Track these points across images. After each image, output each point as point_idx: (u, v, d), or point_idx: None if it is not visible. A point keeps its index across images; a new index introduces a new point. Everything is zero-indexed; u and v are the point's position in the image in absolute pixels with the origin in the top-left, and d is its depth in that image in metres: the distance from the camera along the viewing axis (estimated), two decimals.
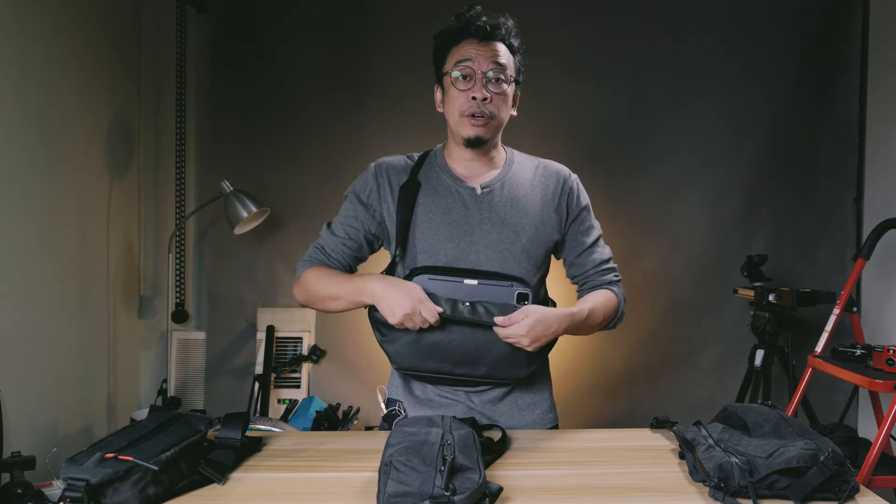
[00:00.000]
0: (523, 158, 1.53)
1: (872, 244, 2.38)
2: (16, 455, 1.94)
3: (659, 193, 3.06)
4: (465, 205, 1.44)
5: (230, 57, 2.99)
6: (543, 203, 1.48)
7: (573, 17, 3.02)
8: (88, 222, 2.60)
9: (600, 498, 1.04)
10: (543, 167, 1.53)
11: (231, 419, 1.20)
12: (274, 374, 2.99)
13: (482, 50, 1.39)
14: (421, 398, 1.45)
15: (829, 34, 3.02)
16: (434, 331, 1.33)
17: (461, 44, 1.41)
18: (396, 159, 1.51)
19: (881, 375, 2.06)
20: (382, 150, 1.58)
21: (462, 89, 1.39)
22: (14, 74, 2.12)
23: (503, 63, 1.40)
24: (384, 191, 1.46)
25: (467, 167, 1.47)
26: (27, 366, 2.19)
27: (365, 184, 1.48)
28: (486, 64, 1.38)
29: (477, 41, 1.40)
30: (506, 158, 1.51)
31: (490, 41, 1.40)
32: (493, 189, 1.46)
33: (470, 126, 1.40)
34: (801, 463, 1.00)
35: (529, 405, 1.47)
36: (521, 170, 1.50)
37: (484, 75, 1.38)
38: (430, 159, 1.50)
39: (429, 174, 1.47)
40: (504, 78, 1.40)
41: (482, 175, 1.47)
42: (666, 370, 3.07)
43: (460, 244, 1.40)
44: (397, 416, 1.44)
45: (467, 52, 1.40)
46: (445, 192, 1.45)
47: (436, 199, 1.44)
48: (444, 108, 1.46)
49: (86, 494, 0.92)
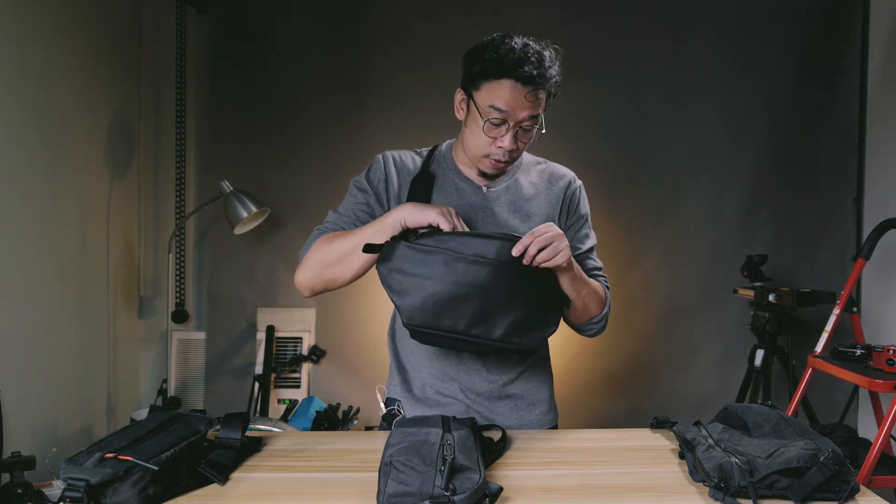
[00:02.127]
0: (531, 160, 1.53)
1: (872, 244, 2.38)
2: (16, 455, 1.94)
3: (659, 193, 3.06)
4: (470, 203, 1.44)
5: (230, 57, 2.99)
6: (547, 205, 1.48)
7: (573, 18, 3.02)
8: (88, 222, 2.60)
9: (600, 498, 1.04)
10: (550, 170, 1.52)
11: (231, 419, 1.20)
12: (274, 374, 2.99)
13: (520, 100, 1.30)
14: (420, 397, 1.45)
15: (829, 34, 3.02)
16: (455, 284, 1.23)
17: (501, 81, 1.30)
18: (404, 153, 1.49)
19: (881, 375, 2.06)
20: (382, 149, 1.57)
21: (491, 136, 1.34)
22: (14, 74, 2.12)
23: (537, 114, 1.34)
24: (392, 182, 1.44)
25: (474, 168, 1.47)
26: (27, 366, 2.19)
27: (374, 173, 1.46)
28: (522, 114, 1.31)
29: (518, 86, 1.30)
30: None
31: (530, 88, 1.30)
32: (499, 189, 1.46)
33: (490, 166, 1.39)
34: (802, 463, 1.00)
35: (529, 405, 1.47)
36: (528, 172, 1.50)
37: (517, 125, 1.33)
38: (438, 156, 1.50)
39: (436, 170, 1.47)
40: (536, 124, 1.35)
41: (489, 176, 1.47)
42: (666, 370, 3.07)
43: None
44: (396, 416, 1.44)
45: (506, 98, 1.30)
46: (451, 189, 1.44)
47: (442, 194, 1.43)
48: (465, 129, 1.40)
49: (86, 494, 0.92)
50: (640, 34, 3.02)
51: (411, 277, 1.25)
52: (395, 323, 1.51)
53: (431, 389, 1.44)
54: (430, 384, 1.45)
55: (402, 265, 1.25)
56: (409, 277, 1.25)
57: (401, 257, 1.26)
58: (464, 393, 1.44)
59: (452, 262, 1.23)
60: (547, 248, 1.23)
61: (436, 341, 1.31)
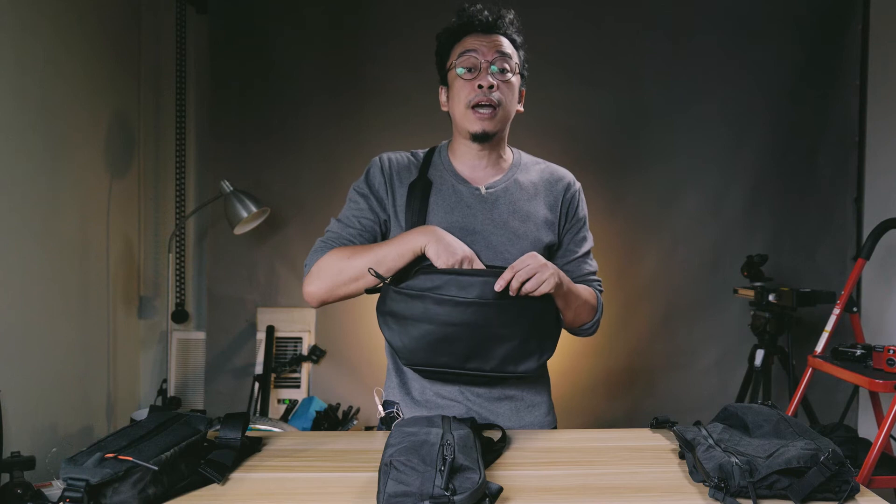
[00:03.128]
0: (530, 161, 1.53)
1: (872, 244, 2.38)
2: (16, 455, 1.94)
3: (659, 194, 3.06)
4: (468, 205, 1.43)
5: (230, 57, 2.99)
6: (546, 206, 1.47)
7: (573, 18, 3.02)
8: (88, 222, 2.60)
9: (600, 498, 1.04)
10: (549, 171, 1.52)
11: (231, 419, 1.20)
12: (274, 374, 2.99)
13: (485, 41, 1.39)
14: (419, 400, 1.44)
15: (829, 34, 3.02)
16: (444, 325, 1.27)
17: (464, 39, 1.41)
18: (401, 155, 1.49)
19: (881, 375, 2.06)
20: (382, 150, 1.57)
21: (467, 79, 1.38)
22: (14, 74, 2.12)
23: (507, 52, 1.40)
24: (392, 185, 1.44)
25: (473, 167, 1.46)
26: (27, 366, 2.19)
27: (374, 176, 1.45)
28: (490, 54, 1.38)
29: (480, 34, 1.40)
30: (512, 160, 1.50)
31: (493, 33, 1.41)
32: (498, 190, 1.45)
33: (476, 120, 1.38)
34: (802, 463, 1.00)
35: (528, 407, 1.47)
36: (527, 172, 1.49)
37: (489, 64, 1.38)
38: (436, 159, 1.49)
39: (433, 173, 1.46)
40: (509, 68, 1.40)
41: (488, 176, 1.46)
42: (666, 370, 3.07)
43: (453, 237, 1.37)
44: (395, 419, 1.43)
45: (471, 44, 1.40)
46: (449, 192, 1.43)
47: (439, 198, 1.43)
48: (450, 105, 1.45)
49: (85, 494, 0.92)
50: (641, 34, 3.03)
51: (403, 321, 1.30)
52: None
53: (430, 391, 1.43)
54: (428, 386, 1.44)
55: (395, 308, 1.30)
56: (402, 321, 1.30)
57: (392, 301, 1.31)
58: (463, 395, 1.43)
59: (438, 305, 1.27)
60: (531, 280, 1.26)
61: (434, 376, 1.38)
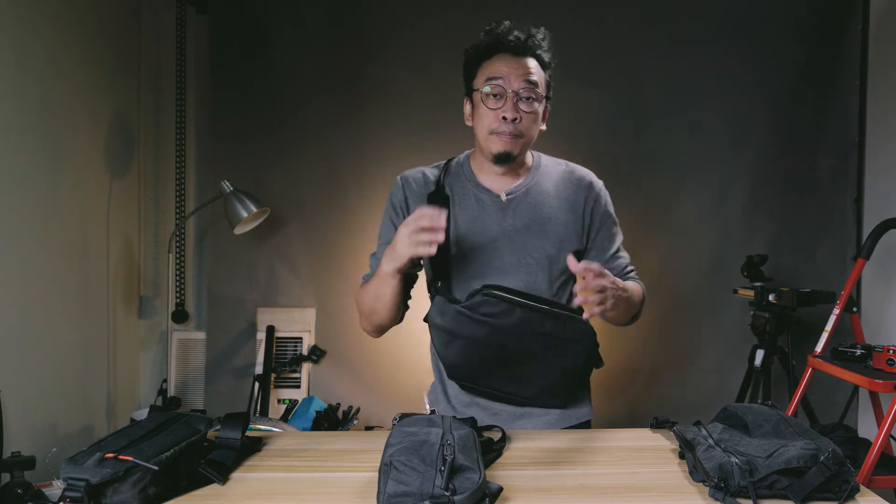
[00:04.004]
0: (550, 163, 1.53)
1: (872, 244, 2.38)
2: (16, 455, 1.94)
3: (659, 194, 3.05)
4: (489, 212, 1.44)
5: (230, 57, 2.99)
6: (569, 209, 1.48)
7: (574, 18, 3.01)
8: (88, 222, 2.60)
9: (600, 498, 1.04)
10: (570, 172, 1.53)
11: (231, 419, 1.20)
12: (274, 374, 2.99)
13: (514, 67, 1.38)
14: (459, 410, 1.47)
15: (829, 34, 3.02)
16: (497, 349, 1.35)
17: (492, 59, 1.39)
18: (418, 171, 1.51)
19: (881, 375, 2.06)
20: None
21: (492, 108, 1.38)
22: (14, 74, 2.12)
23: (535, 80, 1.39)
24: (412, 202, 1.46)
25: (493, 179, 1.47)
26: (27, 365, 2.19)
27: (395, 197, 1.48)
28: (517, 82, 1.37)
29: (509, 56, 1.38)
30: (532, 163, 1.51)
31: (522, 56, 1.39)
32: (518, 196, 1.46)
33: (498, 141, 1.39)
34: (802, 463, 1.00)
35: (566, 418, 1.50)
36: (548, 175, 1.50)
37: (515, 94, 1.37)
38: (456, 169, 1.50)
39: (454, 184, 1.47)
40: (535, 96, 1.39)
41: (507, 183, 1.47)
42: (666, 370, 3.07)
43: (485, 250, 1.41)
44: None
45: (498, 68, 1.38)
46: (471, 202, 1.45)
47: (462, 207, 1.44)
48: (473, 123, 1.45)
49: (86, 494, 0.92)
50: (640, 34, 3.02)
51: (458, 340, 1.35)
52: None
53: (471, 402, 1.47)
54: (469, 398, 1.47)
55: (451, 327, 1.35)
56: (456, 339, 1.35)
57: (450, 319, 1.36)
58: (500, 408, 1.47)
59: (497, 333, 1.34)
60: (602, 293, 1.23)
61: (475, 391, 1.44)
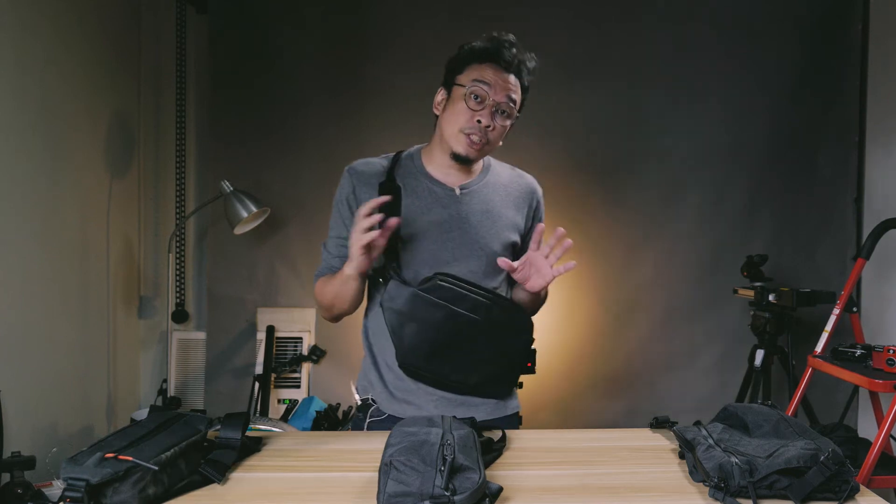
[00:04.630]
0: (499, 165, 1.60)
1: (872, 244, 2.38)
2: (16, 455, 1.94)
3: (659, 193, 3.06)
4: (444, 205, 1.48)
5: (230, 57, 2.99)
6: (515, 208, 1.55)
7: (573, 18, 3.02)
8: (88, 222, 2.60)
9: (600, 498, 1.04)
10: (518, 175, 1.61)
11: (231, 419, 1.20)
12: (274, 374, 2.99)
13: (502, 79, 1.43)
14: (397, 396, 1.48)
15: (830, 34, 3.02)
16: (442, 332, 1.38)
17: (485, 64, 1.43)
18: (370, 160, 1.54)
19: (881, 375, 2.06)
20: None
21: (471, 108, 1.42)
22: (14, 74, 2.12)
23: (514, 98, 1.45)
24: (360, 191, 1.48)
25: (446, 173, 1.51)
26: (27, 366, 2.19)
27: (343, 190, 1.51)
28: (500, 94, 1.42)
29: (500, 68, 1.43)
30: (483, 164, 1.56)
31: (511, 73, 1.44)
32: (472, 191, 1.51)
33: (466, 145, 1.44)
34: (802, 463, 1.00)
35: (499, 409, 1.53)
36: (498, 175, 1.56)
37: (496, 104, 1.42)
38: (406, 162, 1.53)
39: (405, 177, 1.50)
40: (509, 112, 1.45)
41: (461, 179, 1.52)
42: (666, 370, 3.07)
43: (437, 241, 1.45)
44: (371, 406, 1.50)
45: (488, 75, 1.42)
46: (425, 193, 1.48)
47: (415, 199, 1.47)
48: (443, 115, 1.48)
49: (86, 494, 0.92)
50: (640, 34, 3.02)
51: (412, 323, 1.38)
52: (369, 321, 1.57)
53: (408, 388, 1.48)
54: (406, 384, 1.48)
55: (406, 309, 1.38)
56: (410, 323, 1.38)
57: (406, 302, 1.38)
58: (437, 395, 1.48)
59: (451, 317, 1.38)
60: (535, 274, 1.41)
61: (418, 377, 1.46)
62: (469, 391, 1.47)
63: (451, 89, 1.46)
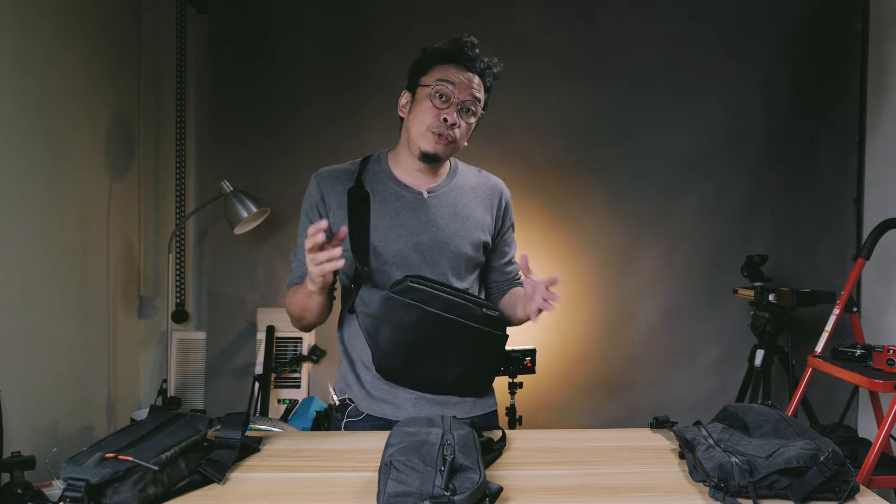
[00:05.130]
0: (466, 167, 1.62)
1: (872, 244, 2.38)
2: (16, 455, 1.94)
3: (659, 193, 3.06)
4: (412, 208, 1.49)
5: (230, 57, 2.99)
6: (483, 209, 1.57)
7: (573, 18, 3.02)
8: (88, 222, 2.60)
9: (600, 498, 1.04)
10: (485, 177, 1.62)
11: (231, 419, 1.20)
12: (274, 374, 2.99)
13: (465, 79, 1.46)
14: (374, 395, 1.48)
15: (829, 34, 3.02)
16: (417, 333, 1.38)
17: (448, 65, 1.46)
18: (337, 166, 1.55)
19: (881, 375, 2.06)
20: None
21: (437, 107, 1.44)
22: (14, 74, 2.12)
23: (478, 97, 1.48)
24: (329, 198, 1.49)
25: (414, 176, 1.52)
26: (27, 366, 2.19)
27: (311, 197, 1.51)
28: (465, 93, 1.45)
29: (463, 69, 1.46)
30: (450, 167, 1.58)
31: (474, 73, 1.47)
32: (440, 194, 1.52)
33: (434, 142, 1.45)
34: (802, 463, 1.00)
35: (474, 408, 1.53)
36: (465, 178, 1.58)
37: (461, 102, 1.45)
38: (373, 166, 1.54)
39: (373, 182, 1.51)
40: (474, 111, 1.48)
41: (428, 182, 1.53)
42: (666, 370, 3.07)
43: (407, 244, 1.46)
44: (349, 406, 1.50)
45: (452, 75, 1.45)
46: (393, 198, 1.49)
47: (383, 203, 1.48)
48: (409, 117, 1.50)
49: (86, 494, 0.92)
50: (640, 34, 3.02)
51: (385, 325, 1.38)
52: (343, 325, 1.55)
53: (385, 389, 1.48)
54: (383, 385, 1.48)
55: (380, 313, 1.38)
56: (384, 325, 1.38)
57: (378, 306, 1.38)
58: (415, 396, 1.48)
59: (424, 318, 1.37)
60: None
61: (396, 379, 1.46)
62: (447, 390, 1.47)
63: (416, 90, 1.49)
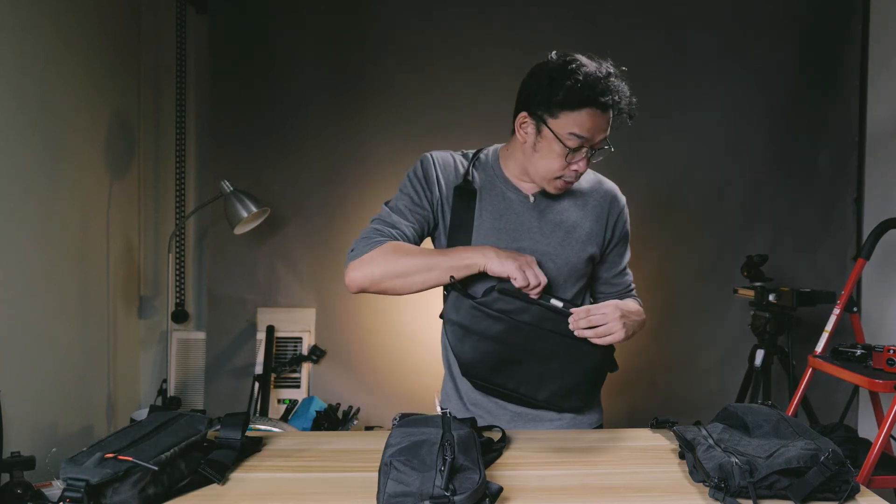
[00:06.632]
0: None
1: (872, 244, 2.38)
2: (16, 455, 1.94)
3: (659, 193, 3.06)
4: (516, 211, 1.44)
5: (230, 57, 2.99)
6: (593, 218, 1.49)
7: (573, 18, 3.02)
8: (88, 222, 2.60)
9: (600, 498, 1.04)
10: (599, 183, 1.54)
11: (231, 419, 1.20)
12: (274, 374, 2.99)
13: (599, 123, 1.34)
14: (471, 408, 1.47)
15: (829, 34, 3.02)
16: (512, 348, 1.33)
17: (582, 111, 1.32)
18: (446, 155, 1.48)
19: (881, 375, 2.06)
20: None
21: (569, 161, 1.36)
22: (14, 74, 2.12)
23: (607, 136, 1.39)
24: (441, 184, 1.44)
25: (523, 179, 1.46)
26: (27, 366, 2.19)
27: (426, 170, 1.44)
28: (598, 138, 1.36)
29: (598, 112, 1.33)
30: None
31: (608, 113, 1.36)
32: (547, 199, 1.46)
33: (557, 187, 1.40)
34: (802, 463, 1.00)
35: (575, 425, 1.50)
36: (577, 183, 1.48)
37: (592, 149, 1.37)
38: (484, 162, 1.48)
39: (482, 178, 1.46)
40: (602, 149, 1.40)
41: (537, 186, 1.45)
42: (666, 370, 3.07)
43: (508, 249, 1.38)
44: None
45: (588, 125, 1.33)
46: (498, 197, 1.44)
47: (488, 203, 1.43)
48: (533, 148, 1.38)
49: (85, 494, 0.92)
50: (640, 34, 3.02)
51: (472, 335, 1.33)
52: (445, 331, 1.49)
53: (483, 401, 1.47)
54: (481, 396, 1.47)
55: (466, 322, 1.33)
56: (471, 335, 1.33)
57: (465, 315, 1.33)
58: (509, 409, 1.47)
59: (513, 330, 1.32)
60: (599, 328, 1.32)
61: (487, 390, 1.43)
62: (540, 405, 1.42)
63: (541, 128, 1.35)
